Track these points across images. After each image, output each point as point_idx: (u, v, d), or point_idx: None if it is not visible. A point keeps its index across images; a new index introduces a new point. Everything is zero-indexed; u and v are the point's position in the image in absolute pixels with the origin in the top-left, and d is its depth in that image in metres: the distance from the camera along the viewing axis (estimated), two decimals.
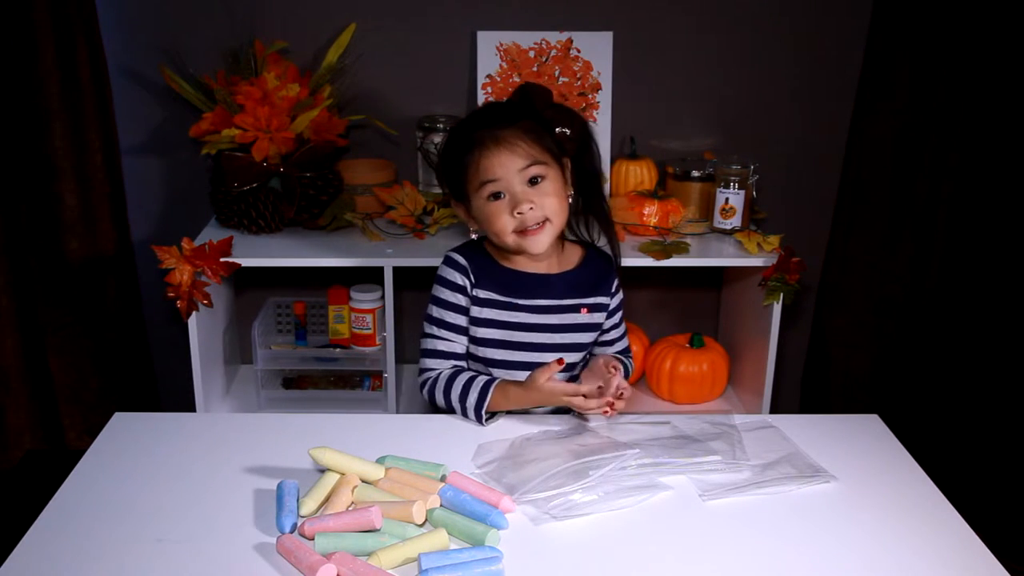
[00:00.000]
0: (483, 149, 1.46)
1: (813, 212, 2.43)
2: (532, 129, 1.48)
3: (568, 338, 1.58)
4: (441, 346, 1.56)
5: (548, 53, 2.28)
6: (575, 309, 1.58)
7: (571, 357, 1.58)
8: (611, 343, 1.68)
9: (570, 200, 1.55)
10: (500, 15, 2.26)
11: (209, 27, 2.21)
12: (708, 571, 1.14)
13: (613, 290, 1.64)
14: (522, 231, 1.48)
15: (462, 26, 2.27)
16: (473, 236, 1.60)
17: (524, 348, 1.56)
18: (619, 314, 1.67)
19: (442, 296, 1.57)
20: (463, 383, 1.49)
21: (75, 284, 2.19)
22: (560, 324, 1.57)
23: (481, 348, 1.57)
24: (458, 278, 1.55)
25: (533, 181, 1.47)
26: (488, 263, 1.57)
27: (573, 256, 1.62)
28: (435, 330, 1.57)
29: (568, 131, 1.55)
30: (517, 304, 1.55)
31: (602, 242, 1.66)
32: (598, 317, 1.61)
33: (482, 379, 1.50)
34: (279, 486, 1.24)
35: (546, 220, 1.48)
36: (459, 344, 1.57)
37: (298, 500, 1.23)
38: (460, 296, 1.55)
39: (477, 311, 1.55)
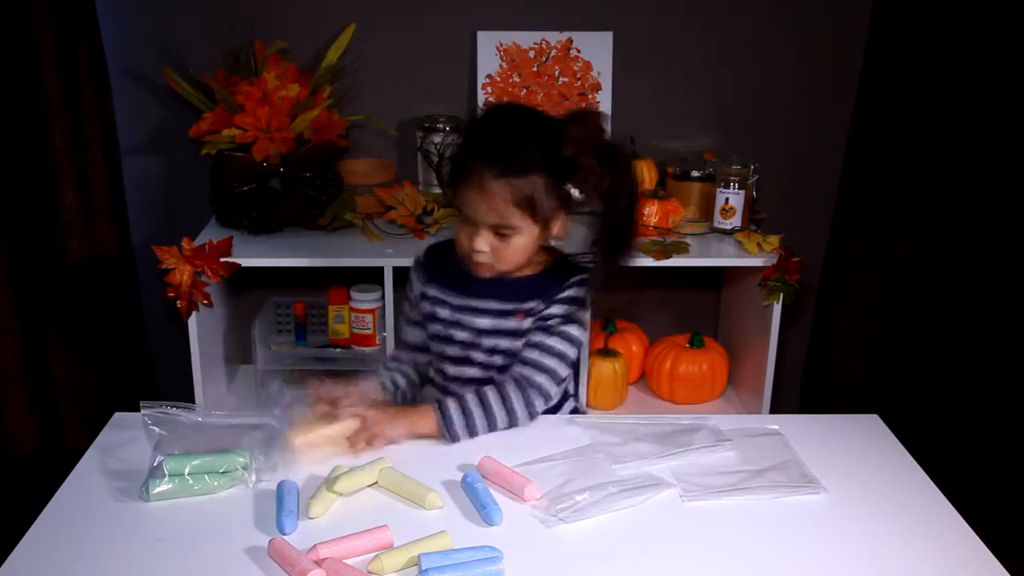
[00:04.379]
0: (469, 187, 1.43)
1: (813, 212, 2.43)
2: (526, 190, 1.41)
3: (493, 341, 1.54)
4: (403, 335, 1.68)
5: (548, 53, 2.28)
6: (510, 314, 1.53)
7: (496, 360, 1.54)
8: (526, 345, 1.52)
9: (553, 242, 1.53)
10: (500, 15, 2.26)
11: (209, 27, 2.21)
12: (710, 571, 1.14)
13: (556, 298, 1.51)
14: (469, 257, 1.50)
15: (462, 26, 2.27)
16: None
17: (457, 344, 1.57)
18: (548, 324, 1.51)
19: (406, 291, 1.67)
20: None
21: (75, 284, 2.19)
22: (488, 328, 1.53)
23: (432, 343, 1.62)
24: (413, 277, 1.65)
25: (500, 234, 1.46)
26: (449, 262, 1.58)
27: (537, 262, 1.55)
28: (400, 322, 1.69)
29: (576, 191, 1.45)
30: (450, 303, 1.57)
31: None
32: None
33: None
34: (279, 486, 1.24)
35: (492, 265, 1.49)
36: (412, 334, 1.66)
37: (298, 501, 1.23)
38: (412, 293, 1.65)
39: (426, 306, 1.60)
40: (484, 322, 1.54)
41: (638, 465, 1.34)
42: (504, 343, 1.53)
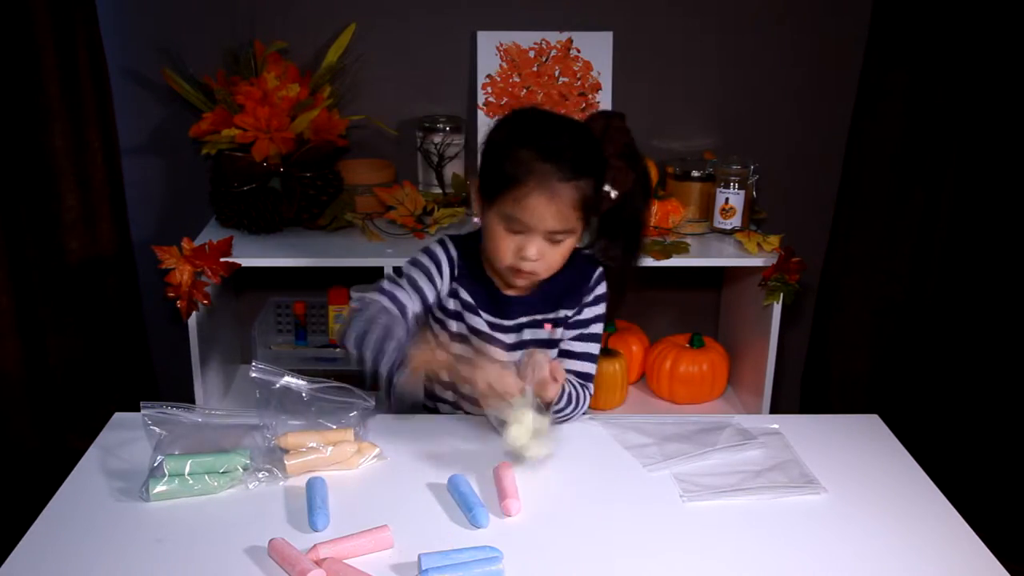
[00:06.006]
0: (536, 190, 1.36)
1: (813, 212, 2.43)
2: (587, 191, 1.39)
3: (520, 353, 1.47)
4: (396, 292, 1.48)
5: (548, 53, 2.28)
6: (538, 325, 1.52)
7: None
8: (566, 356, 1.53)
9: (578, 243, 1.49)
10: (500, 15, 2.26)
11: (209, 27, 2.21)
12: (710, 571, 1.14)
13: (584, 302, 1.53)
14: (514, 268, 1.44)
15: (462, 26, 2.27)
16: (475, 220, 1.55)
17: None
18: (587, 331, 1.54)
19: (420, 260, 1.52)
20: (394, 323, 1.39)
21: (75, 284, 2.19)
22: (514, 343, 1.51)
23: (451, 342, 1.51)
24: (443, 258, 1.51)
25: (554, 240, 1.42)
26: (474, 264, 1.52)
27: None
28: (401, 281, 1.50)
29: (613, 192, 1.46)
30: (481, 313, 1.51)
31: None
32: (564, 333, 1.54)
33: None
34: (308, 483, 1.25)
35: (535, 274, 1.45)
36: (412, 303, 1.48)
37: (327, 498, 1.24)
38: (434, 270, 1.50)
39: (453, 304, 1.52)
40: (510, 339, 1.51)
41: (670, 465, 1.35)
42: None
